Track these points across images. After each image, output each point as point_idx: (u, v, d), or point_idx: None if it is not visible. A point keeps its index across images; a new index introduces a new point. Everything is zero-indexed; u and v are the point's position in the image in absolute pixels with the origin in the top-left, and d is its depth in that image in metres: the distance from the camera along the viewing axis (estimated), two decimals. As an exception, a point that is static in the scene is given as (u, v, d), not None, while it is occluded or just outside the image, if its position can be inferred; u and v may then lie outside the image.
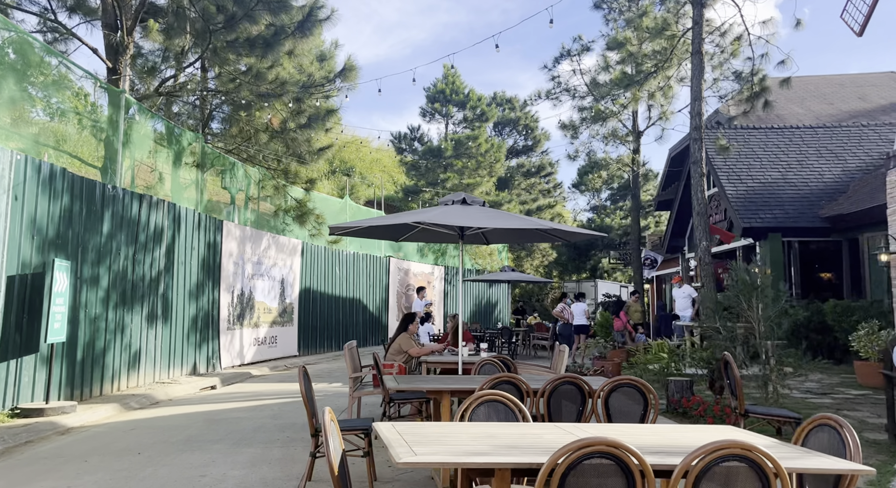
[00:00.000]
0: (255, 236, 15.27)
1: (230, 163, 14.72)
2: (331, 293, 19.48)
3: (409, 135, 31.70)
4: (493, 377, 4.16)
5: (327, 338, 19.15)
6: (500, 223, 5.90)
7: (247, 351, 14.74)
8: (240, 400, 9.83)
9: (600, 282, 32.00)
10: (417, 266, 25.76)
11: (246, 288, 14.81)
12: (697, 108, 11.29)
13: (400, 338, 7.66)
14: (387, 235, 7.75)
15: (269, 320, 15.87)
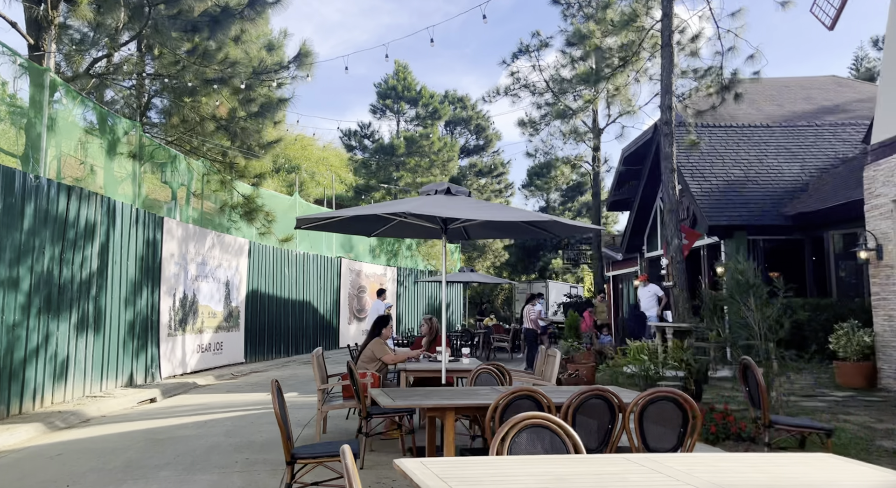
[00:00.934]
0: (198, 235, 14.15)
1: (171, 155, 13.57)
2: (280, 295, 18.44)
3: (360, 131, 30.77)
4: (511, 392, 3.52)
5: (276, 344, 18.10)
6: (493, 215, 5.29)
7: (190, 358, 13.61)
8: (186, 415, 8.85)
9: (551, 283, 31.89)
10: (369, 267, 24.91)
11: (189, 290, 13.69)
12: (668, 102, 11.00)
13: (372, 344, 6.92)
14: (360, 229, 7.00)
15: (213, 325, 14.76)
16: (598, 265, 17.17)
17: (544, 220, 5.26)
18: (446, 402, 3.70)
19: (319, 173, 30.18)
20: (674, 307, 10.95)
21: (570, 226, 5.76)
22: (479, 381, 5.00)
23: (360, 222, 6.72)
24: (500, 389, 4.49)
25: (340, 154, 40.76)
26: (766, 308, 7.00)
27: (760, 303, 6.99)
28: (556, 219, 5.34)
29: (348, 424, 7.90)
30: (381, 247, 26.55)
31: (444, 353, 6.02)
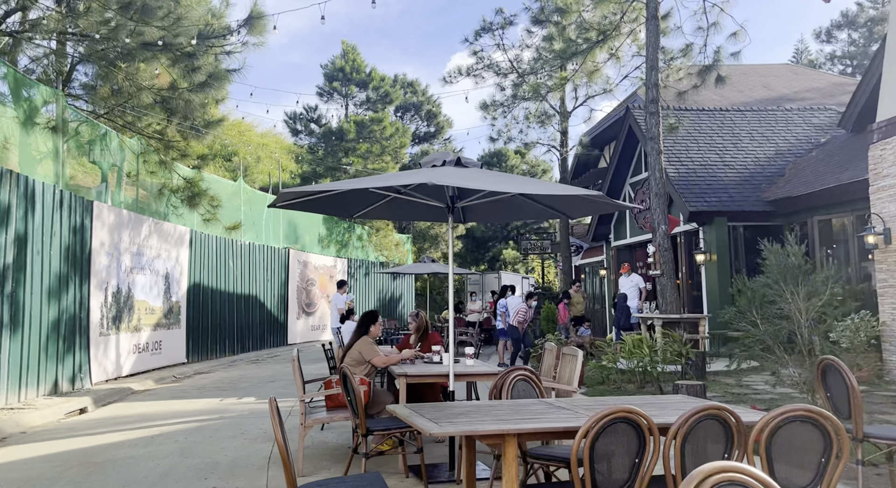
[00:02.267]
0: (134, 222, 12.61)
1: (101, 131, 11.98)
2: (224, 289, 16.96)
3: (306, 115, 29.13)
4: (607, 413, 2.59)
5: (221, 342, 16.64)
6: (536, 189, 4.36)
7: (125, 360, 12.12)
8: (126, 428, 7.54)
9: (503, 274, 31.30)
10: (318, 258, 23.58)
11: (123, 284, 12.16)
12: (654, 79, 10.34)
13: (360, 345, 5.88)
14: (342, 208, 5.92)
15: (151, 322, 13.26)
16: (566, 254, 16.59)
17: (591, 195, 4.37)
18: (511, 427, 2.75)
19: (261, 160, 28.47)
20: (661, 296, 10.36)
21: (613, 204, 4.89)
22: (517, 393, 4.08)
23: (345, 199, 5.66)
24: (560, 405, 3.56)
25: (281, 141, 38.85)
26: (819, 297, 6.31)
27: (807, 292, 6.33)
28: (601, 196, 4.45)
29: (326, 436, 6.83)
30: (329, 237, 25.24)
31: (448, 354, 5.06)
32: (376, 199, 5.85)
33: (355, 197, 5.72)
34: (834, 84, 18.18)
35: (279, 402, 8.41)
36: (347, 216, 6.23)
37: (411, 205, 6.02)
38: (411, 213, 6.33)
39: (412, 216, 6.44)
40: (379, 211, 6.11)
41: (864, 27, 32.55)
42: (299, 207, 5.79)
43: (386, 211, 6.13)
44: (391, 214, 6.30)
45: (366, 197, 5.78)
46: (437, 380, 5.36)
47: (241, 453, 6.07)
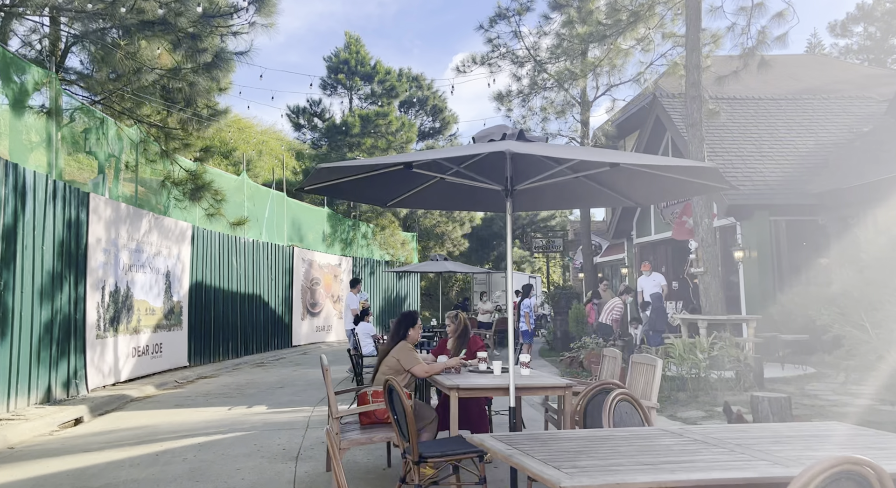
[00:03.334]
0: (133, 216, 11.79)
1: (98, 118, 11.16)
2: (227, 288, 16.15)
3: (309, 109, 28.25)
4: (833, 464, 1.81)
5: (224, 344, 15.83)
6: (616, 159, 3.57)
7: (123, 364, 11.30)
8: (126, 444, 6.73)
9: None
10: (323, 256, 22.77)
11: (122, 283, 11.35)
12: (695, 60, 9.57)
13: (398, 351, 5.08)
14: (381, 193, 5.12)
15: (152, 323, 12.44)
16: (588, 252, 15.79)
17: (707, 168, 3.58)
18: (681, 478, 1.96)
19: (263, 154, 27.64)
20: (705, 296, 9.58)
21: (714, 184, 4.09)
22: (619, 417, 3.30)
23: (383, 182, 4.86)
24: (701, 438, 2.75)
25: (282, 138, 38.00)
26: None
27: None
28: (716, 170, 3.65)
29: (354, 454, 6.02)
30: (334, 236, 24.43)
31: (512, 361, 4.26)
32: (420, 182, 5.06)
33: (396, 179, 4.92)
34: (865, 75, 17.44)
35: (293, 412, 7.57)
36: (383, 203, 5.42)
37: (460, 190, 5.23)
38: (458, 200, 5.53)
39: (458, 203, 5.64)
40: (421, 197, 5.31)
41: (881, 20, 31.83)
42: (330, 192, 4.99)
43: (429, 197, 5.33)
44: (434, 201, 5.50)
45: (407, 179, 4.98)
46: (494, 394, 4.57)
47: (261, 476, 5.26)
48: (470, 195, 5.44)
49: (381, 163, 4.03)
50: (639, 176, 4.55)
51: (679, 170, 4.17)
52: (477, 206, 5.70)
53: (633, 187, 4.83)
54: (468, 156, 4.55)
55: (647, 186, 4.76)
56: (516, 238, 40.00)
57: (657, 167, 4.13)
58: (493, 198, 5.51)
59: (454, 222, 31.38)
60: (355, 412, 4.62)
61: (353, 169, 4.18)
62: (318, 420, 7.85)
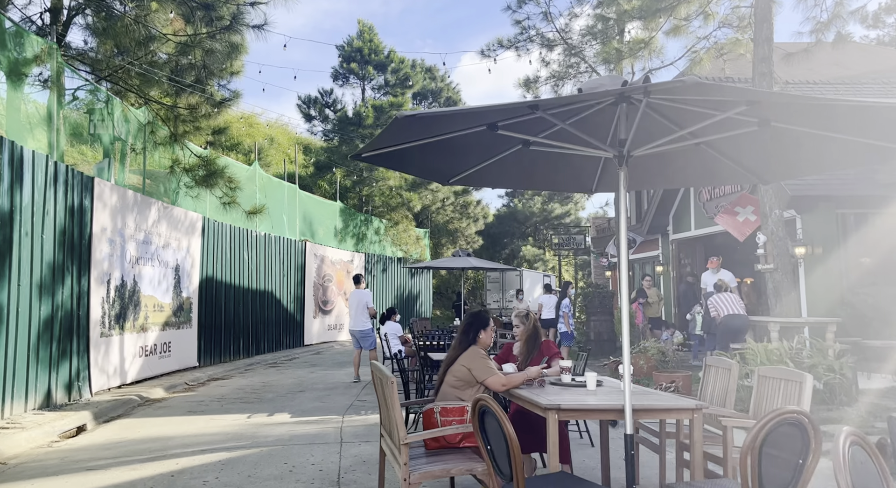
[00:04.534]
0: (141, 204, 10.91)
1: (103, 97, 10.27)
2: (238, 284, 15.26)
3: (321, 99, 27.31)
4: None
5: (235, 343, 14.94)
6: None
7: (130, 365, 10.41)
8: (136, 460, 5.82)
9: (525, 272, 29.58)
10: (335, 252, 21.88)
11: (128, 276, 10.46)
12: (766, 33, 8.64)
13: (468, 359, 4.17)
14: (447, 165, 4.20)
15: (160, 321, 11.56)
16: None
17: None
18: None
19: (274, 142, 26.76)
20: (775, 295, 8.66)
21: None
22: (780, 444, 2.40)
23: (454, 149, 3.95)
24: None
25: (289, 132, 37.10)
26: None
27: None
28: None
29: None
30: (346, 231, 23.53)
31: (627, 375, 3.35)
32: (498, 150, 4.14)
33: (468, 145, 4.01)
34: (914, 63, 16.46)
35: (320, 421, 6.62)
36: (444, 179, 4.51)
37: (546, 161, 4.31)
38: (541, 175, 4.60)
39: (541, 179, 4.70)
40: (493, 171, 4.39)
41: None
42: (388, 161, 4.09)
43: (505, 170, 4.41)
44: (511, 176, 4.58)
45: (483, 145, 4.07)
46: (603, 417, 3.65)
47: (302, 507, 4.36)
48: (557, 167, 4.52)
49: (462, 112, 3.12)
50: (793, 141, 3.63)
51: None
52: (564, 184, 4.78)
53: (775, 157, 3.91)
54: (586, 105, 3.62)
55: (798, 154, 3.84)
56: (529, 236, 39.10)
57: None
58: (586, 170, 4.60)
59: (468, 218, 30.46)
60: (426, 436, 3.70)
61: (433, 120, 3.26)
62: (351, 431, 6.95)
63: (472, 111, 3.24)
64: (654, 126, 3.80)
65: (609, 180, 4.61)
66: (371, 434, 6.74)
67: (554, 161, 4.47)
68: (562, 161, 4.46)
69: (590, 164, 4.51)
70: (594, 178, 4.64)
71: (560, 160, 4.45)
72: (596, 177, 4.60)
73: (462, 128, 3.65)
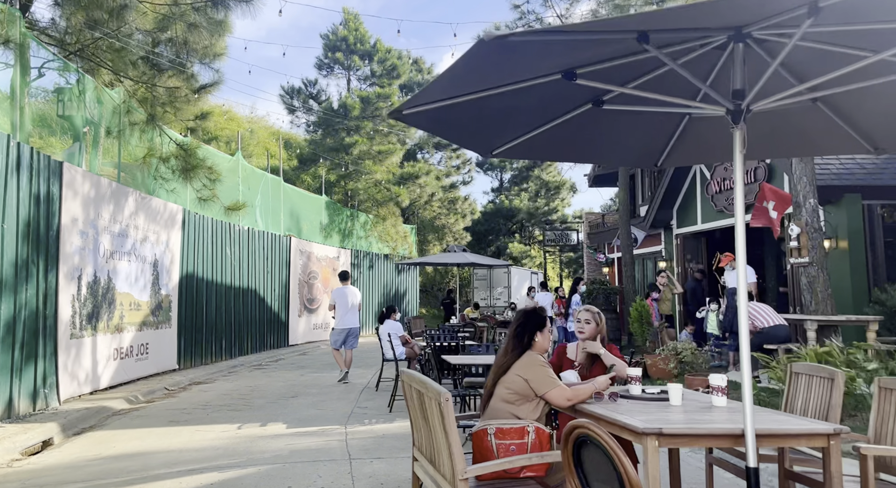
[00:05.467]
0: (115, 194, 9.99)
1: (73, 74, 9.33)
2: (221, 281, 14.35)
3: (304, 90, 26.29)
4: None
5: (217, 343, 14.03)
6: None
7: (103, 369, 9.50)
8: (110, 485, 4.98)
9: (513, 269, 28.91)
10: (321, 248, 21.00)
11: (102, 272, 9.54)
12: None
13: (524, 368, 3.43)
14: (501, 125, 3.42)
15: (137, 320, 10.64)
16: (627, 243, 14.26)
17: None
18: None
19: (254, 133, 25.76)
20: (809, 291, 8.06)
21: None
22: None
23: (507, 108, 3.21)
24: None
25: (269, 127, 36.01)
26: None
27: None
28: None
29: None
30: (332, 226, 22.65)
31: (748, 390, 2.65)
32: (561, 110, 3.41)
33: (524, 103, 3.27)
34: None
35: (321, 432, 5.76)
36: (487, 150, 3.76)
37: (615, 126, 3.58)
38: (602, 146, 3.87)
39: (599, 152, 3.98)
40: (547, 141, 3.65)
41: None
42: (428, 124, 3.34)
43: (560, 141, 3.67)
44: (567, 148, 3.84)
45: (543, 103, 3.33)
46: (719, 444, 2.93)
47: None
48: (621, 135, 3.79)
49: (571, 32, 2.39)
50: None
51: None
52: (625, 156, 4.09)
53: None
54: (694, 46, 2.89)
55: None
56: (515, 233, 38.52)
57: None
58: (656, 138, 3.88)
59: (456, 214, 29.72)
60: (493, 468, 2.94)
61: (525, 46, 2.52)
62: (358, 445, 6.17)
63: (583, 30, 2.49)
64: (766, 77, 3.10)
65: (684, 151, 3.89)
66: (381, 448, 5.98)
67: (620, 126, 3.75)
68: (629, 126, 3.74)
69: (663, 130, 3.80)
70: (663, 149, 3.92)
71: (627, 125, 3.73)
72: (667, 147, 3.89)
73: (530, 75, 2.91)
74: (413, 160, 29.28)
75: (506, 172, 38.26)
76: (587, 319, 4.10)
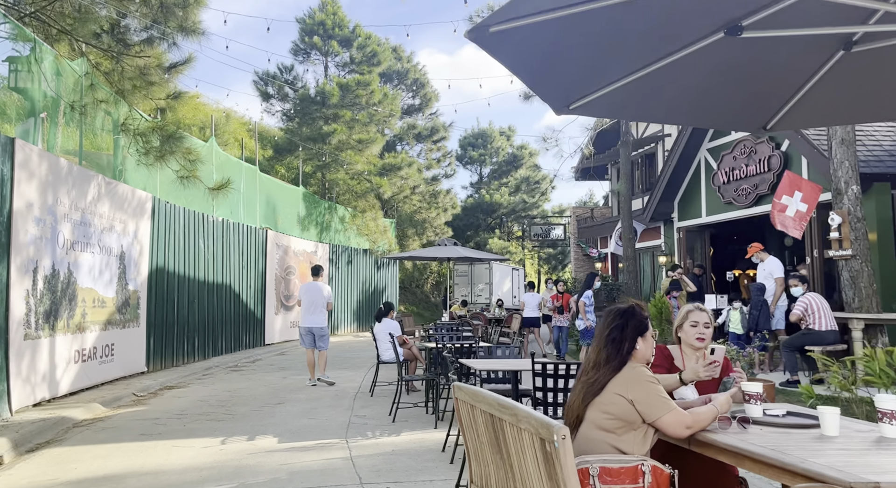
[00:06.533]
0: (77, 177, 8.92)
1: (26, 38, 8.23)
2: (193, 276, 13.29)
3: (280, 76, 25.06)
4: None
5: (189, 343, 12.97)
6: None
7: (63, 373, 8.44)
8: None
9: (495, 266, 28.18)
10: (298, 242, 19.97)
11: (61, 265, 8.47)
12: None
13: (626, 384, 2.62)
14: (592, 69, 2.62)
15: (101, 319, 9.58)
16: (630, 236, 13.58)
17: None
18: None
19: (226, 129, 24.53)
20: (852, 286, 7.45)
21: None
22: None
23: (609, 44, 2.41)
24: None
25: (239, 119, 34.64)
26: None
27: None
28: None
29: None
30: (309, 219, 21.60)
31: None
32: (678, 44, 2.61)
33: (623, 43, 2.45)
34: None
35: (318, 447, 4.33)
36: (563, 104, 2.95)
37: (721, 78, 2.81)
38: (701, 105, 3.09)
39: (696, 112, 3.18)
40: (635, 93, 2.84)
41: None
42: (506, 54, 2.51)
43: (651, 95, 2.88)
44: (657, 105, 3.05)
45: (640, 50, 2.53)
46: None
47: None
48: (738, 87, 3.01)
49: None
50: None
51: None
52: (726, 118, 3.29)
53: None
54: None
55: None
56: (495, 228, 37.83)
57: None
58: (771, 94, 3.10)
59: (437, 208, 28.83)
60: None
61: None
62: (367, 464, 5.31)
63: None
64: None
65: (807, 110, 3.12)
66: (395, 469, 5.13)
67: (728, 77, 2.96)
68: (741, 76, 2.96)
69: (786, 84, 3.02)
70: (779, 109, 3.15)
71: (739, 75, 2.95)
72: (786, 106, 3.11)
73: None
74: (393, 152, 28.31)
75: (486, 166, 37.51)
76: (706, 322, 3.27)
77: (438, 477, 4.88)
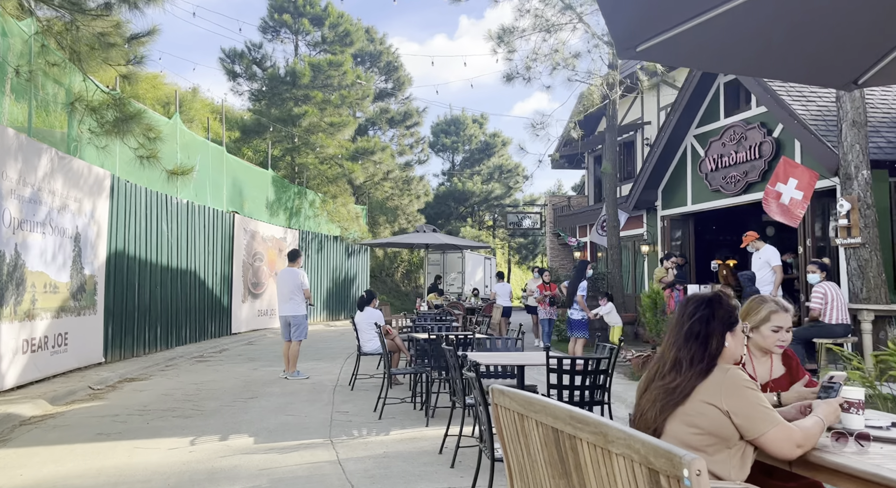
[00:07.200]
0: (27, 150, 8.08)
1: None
2: (156, 260, 12.46)
3: (248, 54, 23.96)
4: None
5: (150, 332, 12.17)
6: None
7: (8, 365, 7.65)
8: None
9: (468, 255, 27.71)
10: (267, 227, 19.16)
11: (7, 246, 7.66)
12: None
13: (718, 391, 2.11)
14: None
15: (53, 305, 8.77)
16: (614, 223, 13.20)
17: None
18: None
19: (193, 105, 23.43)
20: (861, 276, 7.15)
21: None
22: None
23: None
24: None
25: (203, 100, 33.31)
26: None
27: None
28: None
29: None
30: (279, 203, 20.76)
31: None
32: None
33: None
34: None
35: (300, 447, 3.89)
36: (631, 45, 2.43)
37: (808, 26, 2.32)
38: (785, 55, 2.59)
39: (778, 64, 2.69)
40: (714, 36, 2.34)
41: None
42: None
43: (731, 41, 2.37)
44: (737, 53, 2.54)
45: None
46: None
47: None
48: (829, 32, 2.52)
49: None
50: None
51: None
52: (809, 72, 2.80)
53: None
54: None
55: None
56: (467, 216, 37.37)
57: None
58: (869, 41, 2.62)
59: (410, 195, 28.18)
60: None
61: None
62: (358, 469, 4.76)
63: None
64: None
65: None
66: (391, 475, 4.58)
67: (816, 27, 2.47)
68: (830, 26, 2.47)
69: (887, 32, 2.54)
70: (877, 62, 2.67)
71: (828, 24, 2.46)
72: (885, 60, 2.64)
73: None
74: (365, 136, 27.49)
75: (458, 154, 36.96)
76: (790, 327, 2.76)
77: (440, 484, 4.36)
